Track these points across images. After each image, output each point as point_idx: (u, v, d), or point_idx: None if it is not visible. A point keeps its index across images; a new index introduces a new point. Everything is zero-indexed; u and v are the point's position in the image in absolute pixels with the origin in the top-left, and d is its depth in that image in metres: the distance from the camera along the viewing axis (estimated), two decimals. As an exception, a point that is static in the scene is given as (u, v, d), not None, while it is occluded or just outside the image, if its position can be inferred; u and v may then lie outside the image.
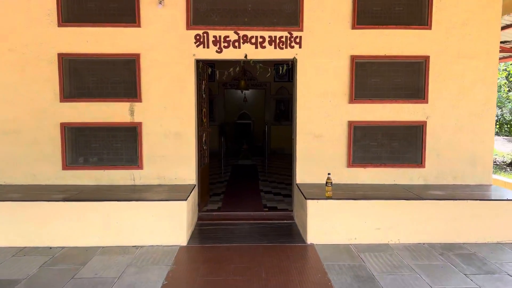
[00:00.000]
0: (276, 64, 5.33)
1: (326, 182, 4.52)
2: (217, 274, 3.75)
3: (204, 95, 5.68)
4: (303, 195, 4.64)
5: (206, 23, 5.05)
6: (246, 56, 5.05)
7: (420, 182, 5.24)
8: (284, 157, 11.26)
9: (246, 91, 12.79)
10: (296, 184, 5.20)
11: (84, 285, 3.56)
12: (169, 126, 5.13)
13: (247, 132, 14.47)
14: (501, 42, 7.39)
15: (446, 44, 5.11)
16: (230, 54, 5.05)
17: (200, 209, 5.53)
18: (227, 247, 4.38)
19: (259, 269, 3.84)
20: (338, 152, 5.20)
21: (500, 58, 8.47)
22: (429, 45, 5.10)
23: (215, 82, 11.80)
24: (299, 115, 5.18)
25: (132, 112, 5.10)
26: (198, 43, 5.07)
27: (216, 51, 5.05)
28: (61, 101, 5.06)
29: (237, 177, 8.56)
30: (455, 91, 5.17)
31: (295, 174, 5.26)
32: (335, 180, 5.14)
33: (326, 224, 4.47)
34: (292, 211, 5.55)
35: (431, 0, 5.04)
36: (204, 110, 5.68)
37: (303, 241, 4.55)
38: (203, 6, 5.06)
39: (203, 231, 4.93)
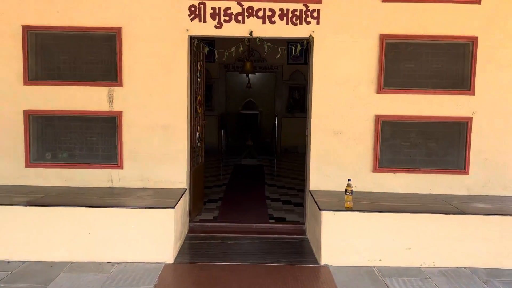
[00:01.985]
0: (289, 42, 5.27)
1: (346, 190, 4.48)
2: (209, 300, 3.75)
3: (199, 79, 5.67)
4: (317, 205, 4.62)
5: (203, -8, 5.03)
6: (251, 33, 5.01)
7: (462, 192, 5.19)
8: (297, 157, 11.26)
9: (252, 75, 12.77)
10: (309, 191, 5.18)
11: (47, 309, 3.57)
12: (156, 117, 5.13)
13: (252, 125, 14.48)
14: None
15: (498, 22, 5.01)
16: (231, 30, 5.02)
17: (191, 219, 5.54)
18: (222, 266, 4.37)
19: (260, 295, 3.83)
20: (361, 153, 5.17)
21: None
22: (478, 24, 5.01)
23: (214, 64, 11.78)
24: (314, 106, 5.16)
25: (111, 99, 5.10)
26: (193, 16, 5.04)
27: (215, 26, 5.03)
28: (25, 84, 5.05)
29: (239, 180, 8.57)
30: (508, 81, 5.07)
31: (308, 178, 5.25)
32: (357, 187, 5.10)
33: (344, 242, 4.45)
34: (303, 223, 5.55)
35: (481, -33, 4.97)
36: (199, 97, 5.68)
37: (315, 261, 4.54)
38: (200, -29, 5.03)
39: (195, 245, 4.93)
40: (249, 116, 14.33)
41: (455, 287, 4.04)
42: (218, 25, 5.02)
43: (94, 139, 5.19)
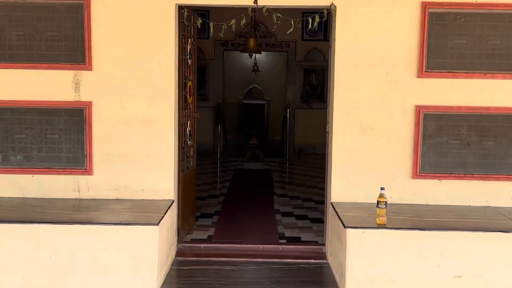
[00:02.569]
0: (304, 13, 5.24)
1: (378, 202, 4.46)
2: None
3: (190, 60, 5.66)
4: (341, 221, 4.61)
5: None
6: (255, 0, 4.98)
7: (528, 204, 5.17)
8: (315, 160, 11.29)
9: (257, 55, 12.77)
10: (331, 204, 5.18)
11: None
12: (134, 109, 5.14)
13: (258, 119, 14.48)
14: None
15: None
16: (230, -3, 5.01)
17: (180, 239, 5.54)
18: (220, 299, 4.39)
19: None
20: (397, 155, 5.16)
21: None
22: (548, -13, 4.98)
23: (209, 40, 11.77)
24: (337, 94, 5.15)
25: (77, 86, 5.10)
26: (181, -21, 5.06)
27: (210, -8, 5.04)
28: (-32, 66, 5.09)
29: (241, 189, 8.59)
30: None
31: (330, 187, 5.25)
32: (392, 198, 5.09)
33: (376, 268, 4.43)
34: (323, 245, 5.55)
35: None
36: (189, 83, 5.68)
37: (339, 293, 4.55)
38: None
39: (184, 273, 4.92)
40: (254, 108, 14.30)
41: (519, 327, 4.02)
42: (214, -9, 5.02)
43: (56, 137, 5.19)
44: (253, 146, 10.78)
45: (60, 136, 5.19)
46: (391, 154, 5.15)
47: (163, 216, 4.68)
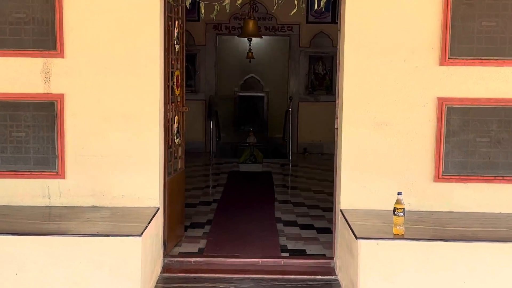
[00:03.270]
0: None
1: (395, 209, 4.48)
2: None
3: (177, 46, 5.66)
4: (353, 231, 4.62)
5: None
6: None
7: None
8: (322, 161, 11.33)
9: (255, 40, 12.78)
10: (341, 211, 5.20)
11: None
12: (114, 102, 5.15)
13: (256, 114, 14.44)
14: None
15: None
16: (224, -28, 5.02)
17: (167, 252, 5.56)
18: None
19: None
20: (417, 154, 5.17)
21: None
22: None
23: (199, 23, 11.80)
24: (347, 85, 5.16)
25: (47, 76, 5.11)
26: (167, -48, 5.08)
27: (200, -33, 5.05)
28: None
29: (236, 194, 8.61)
30: None
31: (339, 192, 5.26)
32: (410, 204, 5.10)
33: (392, 285, 4.44)
34: (332, 258, 5.56)
35: None
36: (177, 73, 5.68)
37: (350, 314, 4.56)
38: None
39: (171, 291, 4.94)
40: (251, 101, 14.25)
41: None
42: (205, -35, 5.04)
43: (23, 135, 5.19)
44: (251, 145, 10.75)
45: (27, 134, 5.18)
46: (410, 153, 5.15)
47: (146, 226, 4.68)
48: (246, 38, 12.15)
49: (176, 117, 5.71)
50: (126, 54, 5.11)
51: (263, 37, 12.20)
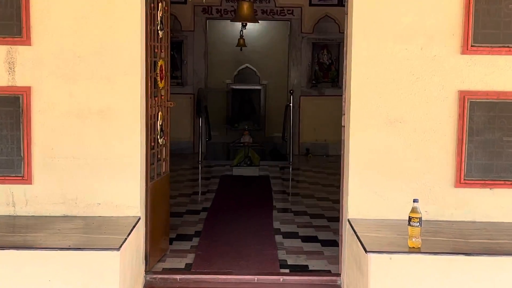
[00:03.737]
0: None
1: (410, 218, 4.45)
2: None
3: (161, 32, 5.67)
4: (362, 244, 4.61)
5: None
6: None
7: None
8: (327, 163, 11.37)
9: (250, 26, 12.74)
10: (348, 221, 5.19)
11: None
12: (88, 97, 5.14)
13: (252, 110, 14.47)
14: None
15: None
16: None
17: (149, 268, 5.55)
18: None
19: None
20: (435, 156, 5.17)
21: None
22: None
23: (186, 6, 11.78)
24: (356, 77, 5.15)
25: (11, 66, 5.08)
26: None
27: None
28: None
29: (229, 202, 8.63)
30: None
31: (347, 199, 5.26)
32: (428, 213, 5.08)
33: (407, 306, 4.43)
34: (338, 275, 5.57)
35: None
36: (160, 63, 5.68)
37: None
38: None
39: (154, 313, 4.95)
40: (246, 95, 14.30)
41: None
42: None
43: (-16, 134, 5.20)
44: (246, 145, 10.78)
45: (-11, 133, 5.20)
46: (427, 155, 5.15)
47: (125, 239, 4.66)
48: (240, 23, 12.12)
49: (159, 114, 5.70)
50: (102, 41, 5.09)
51: (259, 21, 12.16)
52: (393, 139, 5.14)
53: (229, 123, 14.27)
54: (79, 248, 4.44)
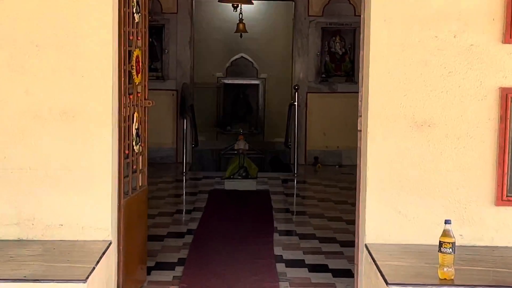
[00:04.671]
0: None
1: (441, 243, 4.45)
2: None
3: (137, 15, 5.67)
4: (382, 275, 4.60)
5: None
6: None
7: None
8: (339, 175, 11.34)
9: (246, 8, 12.75)
10: (366, 246, 5.20)
11: None
12: (47, 94, 5.14)
13: (248, 110, 14.38)
14: None
15: None
16: None
17: (122, 304, 5.54)
18: None
19: None
20: (471, 167, 5.17)
21: None
22: None
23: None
24: (375, 70, 5.17)
25: (-47, 57, 5.10)
26: None
27: None
28: None
29: (220, 222, 8.62)
30: None
31: (364, 219, 5.27)
32: (463, 237, 5.09)
33: None
34: (354, 313, 5.55)
35: None
36: (136, 53, 5.69)
37: None
38: None
39: None
40: (241, 91, 14.23)
41: None
42: None
43: None
44: (241, 153, 10.75)
45: None
46: (461, 165, 5.15)
47: (94, 268, 4.65)
48: (230, 4, 12.14)
49: (135, 115, 5.70)
50: (66, 26, 5.09)
51: (256, 2, 12.17)
52: (420, 146, 5.15)
53: (220, 125, 14.24)
54: (37, 280, 4.42)
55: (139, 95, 5.78)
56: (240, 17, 12.62)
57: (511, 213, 5.19)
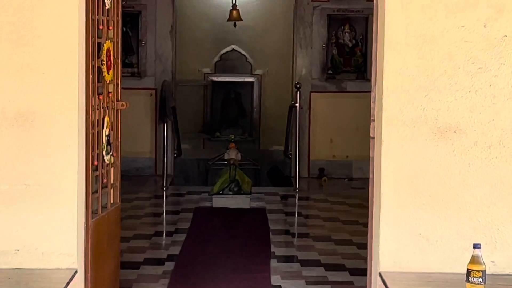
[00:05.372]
0: None
1: (469, 272, 4.48)
2: None
3: (108, 1, 5.69)
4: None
5: None
6: None
7: None
8: (350, 190, 11.36)
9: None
10: (380, 275, 5.20)
11: None
12: (1, 95, 5.15)
13: (240, 112, 14.38)
14: None
15: None
16: None
17: None
18: None
19: None
20: (505, 181, 5.18)
21: None
22: None
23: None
24: (390, 66, 5.19)
25: None
26: None
27: None
28: None
29: (206, 246, 8.63)
30: None
31: (377, 244, 5.28)
32: (495, 264, 5.11)
33: None
34: None
35: None
36: (107, 45, 5.73)
37: None
38: None
39: None
40: (232, 90, 14.23)
41: None
42: None
43: None
44: (232, 164, 10.77)
45: None
46: (494, 179, 5.16)
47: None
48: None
49: (106, 119, 5.73)
50: (23, 14, 5.11)
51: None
52: (445, 157, 5.16)
53: (207, 131, 14.28)
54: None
55: (110, 95, 5.81)
56: (234, 1, 12.63)
57: (553, 235, 5.21)
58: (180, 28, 13.03)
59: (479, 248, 4.47)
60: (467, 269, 4.46)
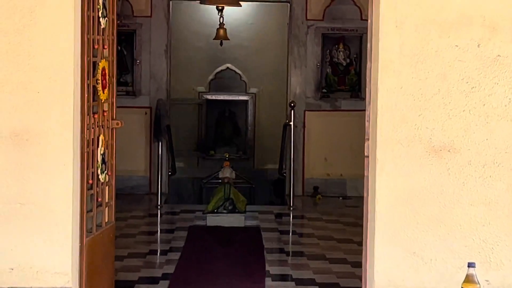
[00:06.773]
0: None
1: (463, 292, 4.46)
2: None
3: (103, 19, 5.70)
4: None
5: None
6: None
7: None
8: (344, 208, 11.34)
9: (231, 10, 12.79)
10: (375, 294, 5.18)
11: None
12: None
13: (235, 131, 14.38)
14: None
15: None
16: None
17: None
18: None
19: None
20: (499, 200, 5.19)
21: None
22: None
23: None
24: (385, 85, 5.20)
25: None
26: None
27: None
28: None
29: (201, 265, 8.60)
30: None
31: (372, 262, 5.27)
32: (490, 283, 5.11)
33: None
34: None
35: None
36: (103, 64, 5.72)
37: None
38: None
39: None
40: (227, 109, 14.22)
41: None
42: None
43: None
44: (226, 183, 10.75)
45: None
46: (487, 198, 5.17)
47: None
48: (215, 6, 12.18)
49: (101, 138, 5.72)
50: (19, 31, 5.12)
51: (245, 4, 12.20)
52: (439, 176, 5.17)
53: (201, 149, 14.25)
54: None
55: (105, 114, 5.80)
56: (221, 21, 12.61)
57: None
58: (174, 47, 13.01)
59: (474, 267, 4.44)
60: (462, 288, 4.47)
